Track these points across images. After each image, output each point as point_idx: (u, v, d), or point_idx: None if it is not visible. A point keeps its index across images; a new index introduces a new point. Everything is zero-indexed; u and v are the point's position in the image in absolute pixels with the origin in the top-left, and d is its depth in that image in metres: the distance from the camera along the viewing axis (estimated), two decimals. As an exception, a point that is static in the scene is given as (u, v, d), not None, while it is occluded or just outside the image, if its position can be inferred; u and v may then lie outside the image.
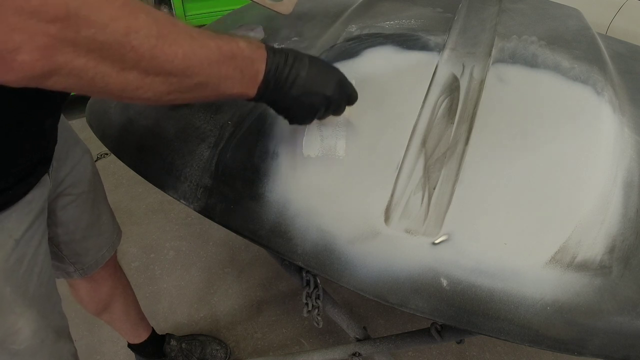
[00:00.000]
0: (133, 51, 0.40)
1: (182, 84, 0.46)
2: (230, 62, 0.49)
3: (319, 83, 0.57)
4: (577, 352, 0.54)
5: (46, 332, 0.73)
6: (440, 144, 0.67)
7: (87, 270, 0.94)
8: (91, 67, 0.39)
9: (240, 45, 0.51)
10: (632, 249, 0.59)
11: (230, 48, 0.49)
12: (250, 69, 0.52)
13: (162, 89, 0.45)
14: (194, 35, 0.46)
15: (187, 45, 0.45)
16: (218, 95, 0.51)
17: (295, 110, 0.59)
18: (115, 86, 0.42)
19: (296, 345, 1.43)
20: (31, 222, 0.66)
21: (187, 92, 0.48)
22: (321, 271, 0.61)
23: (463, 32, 0.86)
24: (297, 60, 0.56)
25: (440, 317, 0.57)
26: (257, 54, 0.53)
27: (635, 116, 0.76)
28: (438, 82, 0.74)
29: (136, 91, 0.44)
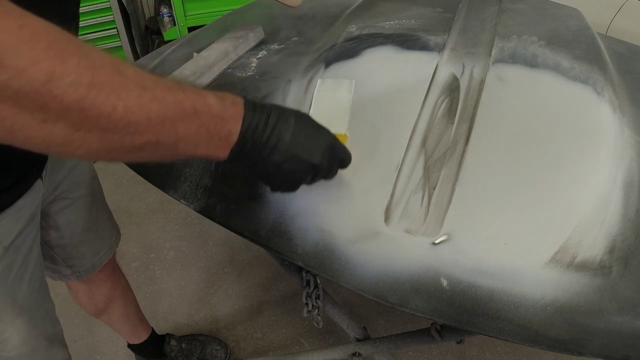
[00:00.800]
0: (56, 101, 0.34)
1: (124, 142, 0.39)
2: (193, 119, 0.42)
3: (305, 149, 0.50)
4: (577, 352, 0.54)
5: (37, 340, 0.72)
6: (440, 144, 0.67)
7: (83, 274, 0.93)
8: (8, 117, 0.33)
9: (209, 100, 0.44)
10: (632, 249, 0.59)
11: (193, 103, 0.42)
12: (219, 128, 0.45)
13: (98, 146, 0.38)
14: (147, 86, 0.39)
15: (133, 97, 0.37)
16: (177, 156, 0.44)
17: (277, 178, 0.52)
18: (37, 140, 0.36)
19: (296, 345, 1.43)
20: (21, 228, 0.65)
21: (134, 152, 0.41)
22: (321, 271, 0.61)
23: (463, 32, 0.86)
24: (280, 120, 0.49)
25: (440, 317, 0.57)
26: (230, 111, 0.46)
27: (635, 116, 0.76)
28: (438, 82, 0.74)
29: (64, 147, 0.37)
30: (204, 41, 1.00)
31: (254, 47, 0.95)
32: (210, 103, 0.44)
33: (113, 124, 0.37)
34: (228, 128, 0.46)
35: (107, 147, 0.38)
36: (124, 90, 0.37)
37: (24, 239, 0.66)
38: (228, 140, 0.46)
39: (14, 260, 0.65)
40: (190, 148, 0.44)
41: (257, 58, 0.90)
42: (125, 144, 0.39)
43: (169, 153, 0.43)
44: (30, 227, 0.68)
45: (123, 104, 0.37)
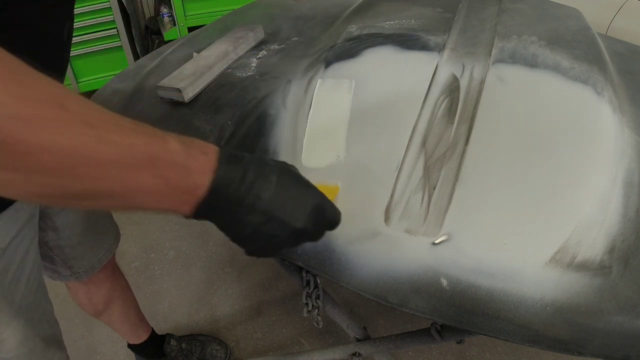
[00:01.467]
0: None
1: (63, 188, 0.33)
2: (148, 168, 0.36)
3: (288, 211, 0.44)
4: (577, 352, 0.54)
5: (34, 342, 0.72)
6: (440, 144, 0.67)
7: (83, 275, 0.93)
8: None
9: (171, 147, 0.38)
10: (632, 249, 0.59)
11: (151, 150, 0.36)
12: (182, 179, 0.39)
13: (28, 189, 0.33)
14: (94, 124, 0.33)
15: (72, 135, 0.32)
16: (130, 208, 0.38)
17: (253, 241, 0.45)
18: None
19: (296, 345, 1.43)
20: (18, 230, 0.65)
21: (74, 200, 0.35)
22: (321, 271, 0.61)
23: (463, 32, 0.86)
24: (260, 177, 0.43)
25: (440, 317, 0.57)
26: (198, 160, 0.40)
27: (635, 116, 0.76)
28: (438, 82, 0.74)
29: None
30: (204, 41, 1.00)
31: (254, 47, 0.95)
32: (173, 150, 0.38)
33: (43, 163, 0.31)
34: (193, 180, 0.39)
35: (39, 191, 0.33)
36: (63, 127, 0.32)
37: (21, 240, 0.66)
38: (193, 194, 0.40)
39: (11, 261, 0.65)
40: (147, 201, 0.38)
41: (257, 58, 0.90)
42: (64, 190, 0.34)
43: (117, 204, 0.37)
44: (28, 228, 0.67)
45: (59, 143, 0.31)
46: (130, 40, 2.42)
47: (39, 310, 0.73)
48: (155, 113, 0.81)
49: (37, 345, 0.73)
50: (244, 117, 0.75)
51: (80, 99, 0.34)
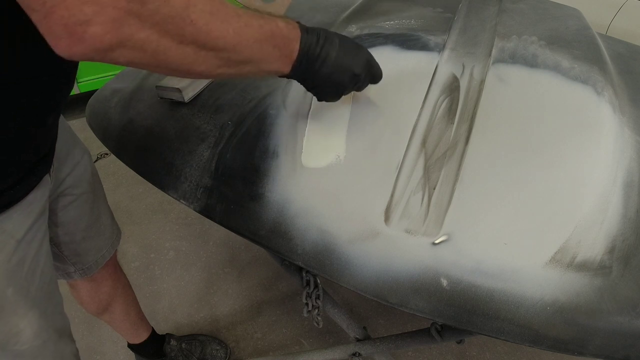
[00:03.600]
0: (192, 25, 0.42)
1: (231, 59, 0.49)
2: (271, 40, 0.52)
3: (348, 62, 0.60)
4: (577, 352, 0.54)
5: (48, 333, 0.73)
6: (440, 144, 0.67)
7: (87, 271, 0.94)
8: (154, 40, 0.41)
9: (279, 24, 0.53)
10: (632, 249, 0.59)
11: (270, 27, 0.52)
12: (287, 47, 0.55)
13: (214, 63, 0.48)
14: (240, 14, 0.48)
15: (235, 23, 0.47)
16: (258, 71, 0.54)
17: (324, 87, 0.61)
18: (174, 59, 0.44)
19: (296, 345, 1.43)
20: (32, 222, 0.66)
21: (234, 67, 0.50)
22: (321, 271, 0.61)
23: (463, 32, 0.86)
24: (327, 40, 0.58)
25: (440, 317, 0.57)
26: (293, 33, 0.55)
27: (635, 116, 0.76)
28: (438, 82, 0.74)
29: (192, 64, 0.46)
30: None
31: (254, 47, 0.94)
32: (280, 26, 0.53)
33: (226, 43, 0.47)
34: (292, 46, 0.55)
35: (219, 63, 0.48)
36: (230, 17, 0.46)
37: (35, 232, 0.67)
38: (291, 57, 0.56)
39: (27, 253, 0.66)
40: (269, 64, 0.54)
41: (257, 58, 0.90)
42: (231, 60, 0.49)
43: (255, 68, 0.53)
44: (41, 221, 0.69)
45: (232, 28, 0.46)
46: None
47: (52, 302, 0.74)
48: (155, 113, 0.81)
49: (51, 336, 0.74)
50: (244, 117, 0.75)
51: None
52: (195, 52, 0.45)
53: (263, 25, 0.51)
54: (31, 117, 0.59)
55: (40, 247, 0.69)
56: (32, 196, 0.65)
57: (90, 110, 0.93)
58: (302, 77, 0.60)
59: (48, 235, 0.73)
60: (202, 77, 0.51)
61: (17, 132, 0.58)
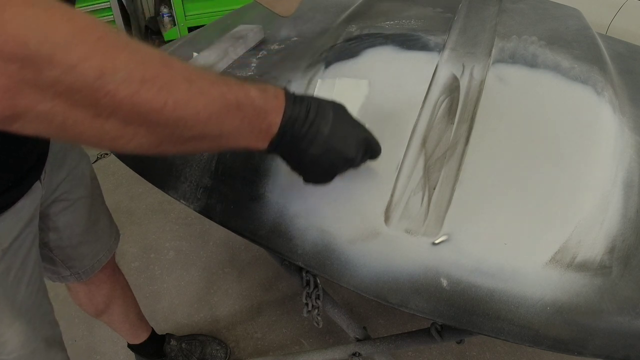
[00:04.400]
0: (108, 97, 0.34)
1: (174, 136, 0.40)
2: (236, 113, 0.43)
3: (342, 143, 0.51)
4: (577, 352, 0.54)
5: (36, 342, 0.72)
6: (440, 144, 0.67)
7: (82, 275, 0.93)
8: (59, 112, 0.34)
9: (251, 93, 0.45)
10: (632, 249, 0.59)
11: (236, 97, 0.43)
12: (261, 121, 0.46)
13: (148, 140, 0.39)
14: (193, 79, 0.39)
15: (182, 92, 0.38)
16: (220, 148, 0.46)
17: (312, 170, 0.53)
18: (90, 134, 0.36)
19: (296, 345, 1.43)
20: (20, 230, 0.65)
21: (181, 145, 0.42)
22: (321, 271, 0.61)
23: (463, 32, 0.86)
24: (319, 114, 0.49)
25: (441, 317, 0.57)
26: (271, 104, 0.47)
27: (635, 116, 0.76)
28: (438, 82, 0.74)
29: (116, 141, 0.37)
30: (204, 41, 1.00)
31: (254, 47, 0.95)
32: (252, 96, 0.45)
33: (164, 118, 0.37)
34: (269, 121, 0.47)
35: (157, 140, 0.39)
36: (174, 84, 0.37)
37: (22, 241, 0.66)
38: (268, 132, 0.47)
39: (12, 262, 0.65)
40: (233, 140, 0.45)
41: (257, 58, 0.90)
42: (174, 137, 0.40)
43: (213, 145, 0.45)
44: (29, 229, 0.67)
45: (173, 99, 0.37)
46: (131, 39, 2.42)
47: (40, 311, 0.73)
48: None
49: (39, 346, 0.73)
50: (244, 117, 0.75)
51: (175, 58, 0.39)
52: (118, 127, 0.36)
53: (226, 93, 0.42)
54: None
55: (27, 256, 0.67)
56: (21, 204, 0.64)
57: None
58: (285, 155, 0.51)
59: (37, 242, 0.71)
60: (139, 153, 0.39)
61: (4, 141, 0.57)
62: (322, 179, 0.55)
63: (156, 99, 0.36)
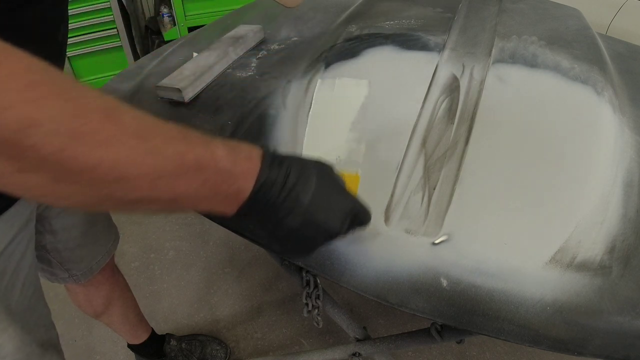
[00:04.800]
0: (31, 151, 0.29)
1: (114, 197, 0.34)
2: (195, 175, 0.37)
3: (325, 214, 0.45)
4: (577, 352, 0.54)
5: (31, 347, 0.71)
6: (440, 144, 0.67)
7: (81, 277, 0.92)
8: None
9: (218, 153, 0.39)
10: (632, 249, 0.59)
11: (196, 157, 0.37)
12: (227, 185, 0.40)
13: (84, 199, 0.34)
14: (144, 136, 0.34)
15: (125, 150, 0.33)
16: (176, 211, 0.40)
17: (288, 242, 0.46)
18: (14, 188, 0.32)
19: (296, 345, 1.43)
20: (14, 235, 0.64)
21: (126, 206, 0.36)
22: (321, 271, 0.61)
23: (463, 32, 0.86)
24: (301, 180, 0.43)
25: (440, 317, 0.57)
26: (242, 166, 0.41)
27: (635, 116, 0.76)
28: (438, 82, 0.74)
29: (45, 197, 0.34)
30: (204, 41, 1.00)
31: (254, 47, 0.95)
32: (218, 156, 0.39)
33: (99, 178, 0.32)
34: (238, 185, 0.41)
35: (94, 201, 0.35)
36: (115, 141, 0.32)
37: (16, 245, 0.65)
38: (237, 197, 0.41)
39: (7, 267, 0.64)
40: (191, 204, 0.39)
41: (257, 58, 0.90)
42: (114, 198, 0.35)
43: (166, 208, 0.39)
44: (24, 233, 0.66)
45: (112, 157, 0.32)
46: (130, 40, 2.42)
47: (34, 315, 0.72)
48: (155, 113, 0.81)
49: (34, 350, 0.72)
50: (244, 117, 0.75)
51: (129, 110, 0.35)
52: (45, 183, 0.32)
53: (184, 153, 0.36)
54: None
55: (21, 260, 0.67)
56: (15, 209, 0.63)
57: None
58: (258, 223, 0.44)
59: (33, 246, 0.71)
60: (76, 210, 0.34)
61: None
62: (300, 253, 0.50)
63: (89, 156, 0.31)
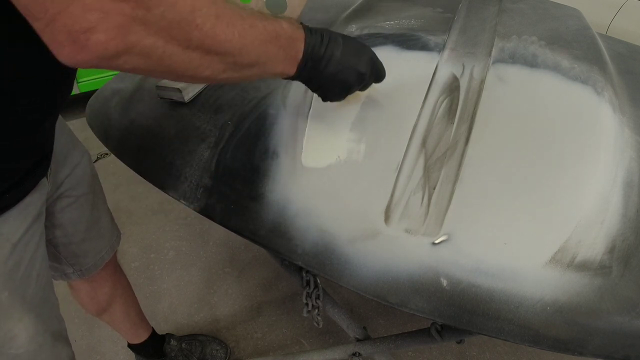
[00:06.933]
0: (197, 29, 0.42)
1: (237, 62, 0.48)
2: (276, 41, 0.51)
3: (353, 61, 0.59)
4: (577, 352, 0.54)
5: (44, 337, 0.72)
6: (440, 144, 0.67)
7: (85, 272, 0.94)
8: (160, 46, 0.40)
9: (284, 25, 0.53)
10: (632, 249, 0.59)
11: (274, 28, 0.51)
12: (291, 48, 0.54)
13: (220, 67, 0.47)
14: (243, 16, 0.47)
15: (240, 25, 0.46)
16: (263, 73, 0.53)
17: (330, 87, 0.61)
18: (180, 65, 0.43)
19: (296, 345, 1.43)
20: (28, 225, 0.66)
21: (239, 71, 0.50)
22: (321, 271, 0.61)
23: (463, 32, 0.86)
24: (331, 40, 0.57)
25: (440, 317, 0.57)
26: (297, 33, 0.55)
27: (635, 116, 0.76)
28: (438, 82, 0.74)
29: (197, 70, 0.45)
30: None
31: (254, 47, 0.94)
32: (285, 27, 0.53)
33: (232, 47, 0.46)
34: (297, 47, 0.55)
35: (225, 67, 0.47)
36: (233, 20, 0.45)
37: (31, 236, 0.67)
38: (296, 58, 0.55)
39: (22, 257, 0.65)
40: (274, 66, 0.53)
41: (257, 58, 0.90)
42: (237, 63, 0.48)
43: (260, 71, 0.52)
44: (37, 224, 0.68)
45: (237, 31, 0.45)
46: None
47: (47, 305, 0.74)
48: (155, 113, 0.81)
49: (47, 340, 0.73)
50: (244, 117, 0.75)
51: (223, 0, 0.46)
52: (201, 57, 0.44)
53: (267, 26, 0.50)
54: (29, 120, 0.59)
55: (36, 251, 0.68)
56: (29, 199, 0.65)
57: (91, 111, 0.93)
58: (308, 78, 0.59)
59: (44, 238, 0.72)
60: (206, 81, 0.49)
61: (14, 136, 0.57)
62: (339, 95, 0.63)
63: (227, 30, 0.44)
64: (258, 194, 0.67)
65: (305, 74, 0.58)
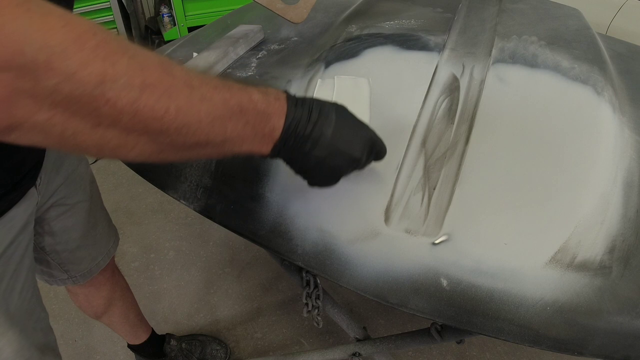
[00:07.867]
0: (109, 105, 0.33)
1: (176, 143, 0.39)
2: (239, 117, 0.42)
3: (347, 144, 0.50)
4: (577, 352, 0.54)
5: (30, 351, 0.70)
6: (440, 144, 0.67)
7: (80, 279, 0.92)
8: (58, 123, 0.33)
9: (254, 97, 0.44)
10: (632, 249, 0.59)
11: (239, 101, 0.42)
12: (263, 125, 0.45)
13: (152, 147, 0.38)
14: (195, 85, 0.39)
15: (183, 98, 0.37)
16: (223, 153, 0.45)
17: (317, 173, 0.52)
18: (90, 144, 0.35)
19: (296, 345, 1.43)
20: (13, 237, 0.63)
21: (183, 152, 0.41)
22: (321, 271, 0.61)
23: (463, 32, 0.86)
24: (322, 116, 0.48)
25: (440, 317, 0.57)
26: (274, 107, 0.46)
27: (635, 116, 0.76)
28: (438, 82, 0.74)
29: (117, 150, 0.37)
30: (204, 41, 1.00)
31: (254, 47, 0.95)
32: (255, 100, 0.44)
33: (166, 126, 0.36)
34: (272, 124, 0.46)
35: (159, 148, 0.38)
36: (174, 90, 0.36)
37: (15, 248, 0.64)
38: (271, 136, 0.46)
39: (5, 270, 0.63)
40: (236, 146, 0.44)
41: (257, 58, 0.90)
42: (176, 144, 0.39)
43: (216, 151, 0.43)
44: (23, 236, 0.66)
45: (175, 105, 0.36)
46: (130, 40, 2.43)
47: (32, 318, 0.72)
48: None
49: (33, 354, 0.71)
50: (244, 117, 0.75)
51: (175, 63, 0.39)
52: (119, 136, 0.35)
53: (228, 98, 0.41)
54: None
55: (20, 263, 0.66)
56: (14, 212, 0.62)
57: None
58: (289, 159, 0.50)
59: (31, 249, 0.70)
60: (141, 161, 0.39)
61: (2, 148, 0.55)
62: (328, 182, 0.54)
63: (157, 106, 0.35)
64: (258, 194, 0.67)
65: (285, 155, 0.49)
